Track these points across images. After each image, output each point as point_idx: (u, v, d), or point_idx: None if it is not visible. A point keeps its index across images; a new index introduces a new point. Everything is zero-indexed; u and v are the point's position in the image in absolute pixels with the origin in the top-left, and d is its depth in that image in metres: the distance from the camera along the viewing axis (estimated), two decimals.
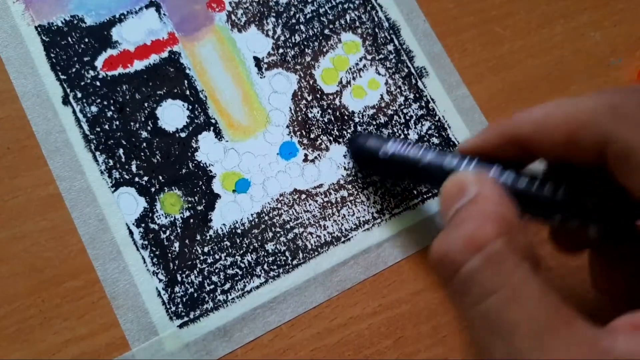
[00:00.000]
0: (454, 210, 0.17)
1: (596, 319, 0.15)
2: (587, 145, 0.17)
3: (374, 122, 0.26)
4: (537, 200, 0.19)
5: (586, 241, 0.20)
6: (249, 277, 0.24)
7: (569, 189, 0.19)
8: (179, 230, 0.24)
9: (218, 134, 0.25)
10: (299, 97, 0.26)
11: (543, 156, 0.19)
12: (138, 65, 0.25)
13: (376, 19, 0.27)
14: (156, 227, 0.24)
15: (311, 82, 0.26)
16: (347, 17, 0.27)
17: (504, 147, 0.19)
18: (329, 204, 0.25)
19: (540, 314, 0.14)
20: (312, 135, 0.26)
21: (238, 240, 0.24)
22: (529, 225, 0.18)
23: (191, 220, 0.24)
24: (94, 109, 0.25)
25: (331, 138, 0.26)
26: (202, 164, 0.25)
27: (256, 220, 0.24)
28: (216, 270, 0.24)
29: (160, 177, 0.24)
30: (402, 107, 0.26)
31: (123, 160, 0.24)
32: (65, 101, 0.25)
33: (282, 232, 0.24)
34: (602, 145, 0.17)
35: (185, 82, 0.26)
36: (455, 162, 0.21)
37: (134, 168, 0.24)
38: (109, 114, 0.25)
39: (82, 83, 0.25)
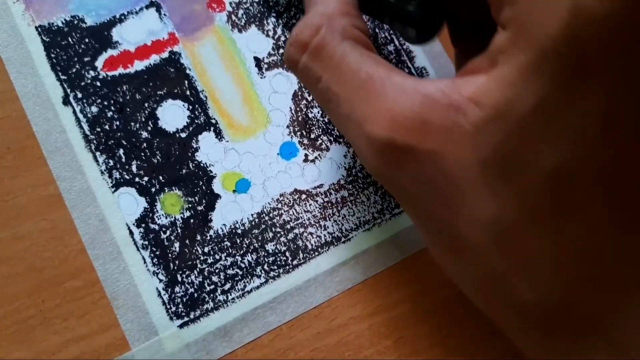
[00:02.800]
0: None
1: None
2: None
3: None
4: (372, 3, 0.21)
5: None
6: (249, 277, 0.24)
7: None
8: (179, 231, 0.24)
9: (218, 134, 0.25)
10: (300, 97, 0.26)
11: None
12: (138, 65, 0.25)
13: (376, 20, 0.27)
14: (156, 227, 0.24)
15: None
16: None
17: None
18: (329, 204, 0.25)
19: (358, 80, 0.17)
20: (312, 135, 0.26)
21: (238, 241, 0.24)
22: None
23: (191, 221, 0.24)
24: (94, 109, 0.25)
25: (331, 138, 0.26)
26: (202, 164, 0.25)
27: (256, 220, 0.24)
28: (216, 271, 0.24)
29: (161, 178, 0.24)
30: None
31: (123, 160, 0.24)
32: (66, 101, 0.25)
33: (282, 232, 0.24)
34: None
35: (186, 82, 0.26)
36: None
37: (134, 168, 0.24)
38: (109, 114, 0.25)
39: (83, 83, 0.25)
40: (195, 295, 0.23)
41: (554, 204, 0.15)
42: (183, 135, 0.25)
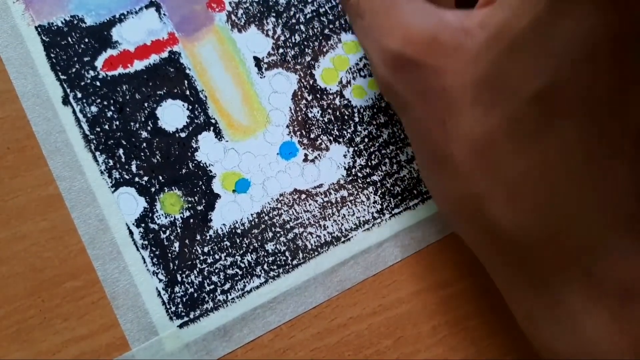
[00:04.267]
0: None
1: None
2: None
3: (374, 122, 0.26)
4: None
5: None
6: (249, 277, 0.24)
7: None
8: (179, 230, 0.24)
9: (218, 134, 0.25)
10: (299, 97, 0.26)
11: None
12: (138, 65, 0.25)
13: None
14: (156, 227, 0.24)
15: (311, 82, 0.26)
16: (347, 17, 0.27)
17: None
18: (329, 204, 0.25)
19: None
20: (312, 135, 0.26)
21: (238, 240, 0.24)
22: None
23: (191, 220, 0.24)
24: (94, 109, 0.25)
25: (331, 138, 0.26)
26: (202, 164, 0.25)
27: (256, 220, 0.24)
28: (216, 270, 0.24)
29: (160, 177, 0.24)
30: None
31: (123, 160, 0.24)
32: (65, 101, 0.25)
33: (282, 232, 0.24)
34: None
35: (185, 82, 0.26)
36: None
37: (134, 168, 0.24)
38: (109, 114, 0.25)
39: (82, 83, 0.25)
40: (195, 295, 0.23)
41: (536, 125, 0.15)
42: (183, 135, 0.25)
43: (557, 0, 0.14)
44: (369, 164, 0.26)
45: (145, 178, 0.24)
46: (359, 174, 0.25)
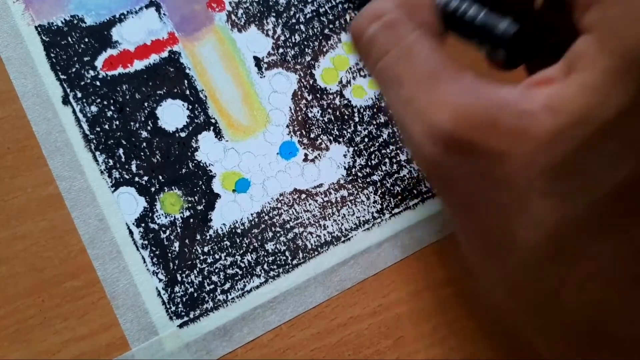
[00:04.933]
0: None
1: None
2: None
3: (374, 122, 0.26)
4: (460, 21, 0.20)
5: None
6: (249, 276, 0.24)
7: (488, 14, 0.19)
8: (179, 230, 0.24)
9: (218, 134, 0.25)
10: (299, 96, 0.26)
11: None
12: (138, 65, 0.25)
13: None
14: (156, 226, 0.24)
15: (311, 82, 0.26)
16: (347, 17, 0.27)
17: None
18: (329, 204, 0.25)
19: (428, 66, 0.16)
20: (312, 135, 0.26)
21: (238, 240, 0.24)
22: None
23: (191, 220, 0.24)
24: (94, 108, 0.25)
25: (331, 138, 0.26)
26: (202, 164, 0.25)
27: (256, 220, 0.24)
28: (216, 270, 0.24)
29: (160, 177, 0.24)
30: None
31: (123, 160, 0.24)
32: (65, 101, 0.25)
33: (282, 232, 0.24)
34: None
35: (185, 82, 0.26)
36: None
37: (134, 168, 0.24)
38: (109, 113, 0.25)
39: (82, 83, 0.25)
40: (195, 294, 0.23)
41: (621, 216, 0.14)
42: (183, 134, 0.25)
43: (637, 90, 0.13)
44: (369, 163, 0.26)
45: (145, 178, 0.24)
46: (359, 174, 0.25)
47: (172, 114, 0.25)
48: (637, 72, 0.13)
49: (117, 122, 0.25)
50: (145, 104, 0.25)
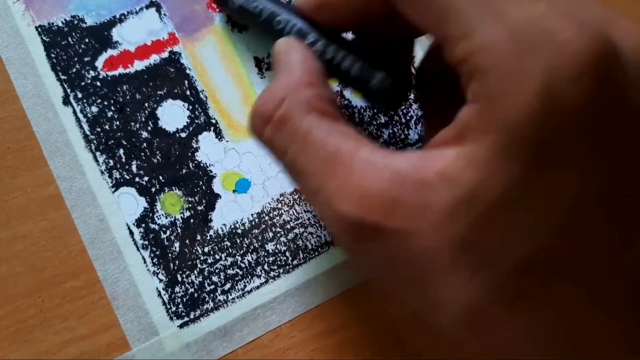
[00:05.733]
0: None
1: None
2: None
3: (374, 122, 0.26)
4: (336, 71, 0.20)
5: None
6: (249, 277, 0.24)
7: (363, 67, 0.20)
8: (179, 230, 0.24)
9: (218, 134, 0.25)
10: None
11: (350, 19, 0.20)
12: (138, 65, 0.25)
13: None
14: (156, 227, 0.24)
15: None
16: None
17: (320, 12, 0.20)
18: None
19: (326, 152, 0.16)
20: None
21: (238, 241, 0.24)
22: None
23: (191, 220, 0.24)
24: (94, 109, 0.25)
25: None
26: (202, 164, 0.25)
27: (256, 220, 0.24)
28: (216, 271, 0.24)
29: (161, 177, 0.24)
30: (403, 107, 0.26)
31: (123, 160, 0.24)
32: (66, 101, 0.25)
33: (282, 232, 0.24)
34: None
35: (186, 82, 0.26)
36: (284, 20, 0.21)
37: (134, 168, 0.24)
38: (110, 114, 0.25)
39: (83, 83, 0.25)
40: (196, 295, 0.23)
41: (528, 290, 0.14)
42: (183, 135, 0.25)
43: (536, 164, 0.13)
44: None
45: (146, 178, 0.24)
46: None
47: (172, 115, 0.25)
48: (521, 148, 0.13)
49: (118, 123, 0.25)
50: (146, 105, 0.25)
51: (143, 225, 0.24)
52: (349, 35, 0.23)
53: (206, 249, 0.24)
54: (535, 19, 0.14)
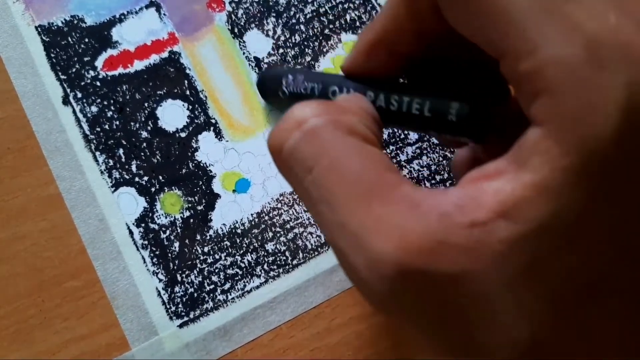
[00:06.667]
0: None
1: None
2: (423, 4, 0.16)
3: None
4: (408, 119, 0.19)
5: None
6: (249, 277, 0.24)
7: (434, 102, 0.18)
8: (179, 230, 0.24)
9: (218, 134, 0.25)
10: None
11: (406, 51, 0.18)
12: (138, 65, 0.25)
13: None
14: (156, 227, 0.24)
15: None
16: (347, 17, 0.27)
17: (373, 59, 0.19)
18: None
19: (362, 182, 0.14)
20: None
21: (238, 240, 0.24)
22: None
23: (191, 220, 0.24)
24: (94, 109, 0.25)
25: None
26: (202, 164, 0.25)
27: (256, 220, 0.24)
28: (216, 270, 0.24)
29: (160, 177, 0.24)
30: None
31: (123, 160, 0.24)
32: (66, 101, 0.25)
33: (282, 232, 0.24)
34: None
35: (186, 82, 0.26)
36: (337, 89, 0.20)
37: (134, 168, 0.24)
38: (109, 114, 0.25)
39: (82, 83, 0.25)
40: (195, 295, 0.23)
41: (589, 319, 0.13)
42: (183, 135, 0.25)
43: (613, 186, 0.13)
44: None
45: (146, 178, 0.24)
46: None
47: (172, 114, 0.25)
48: (595, 170, 0.12)
49: (117, 123, 0.25)
50: (146, 104, 0.25)
51: (143, 225, 0.24)
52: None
53: (206, 249, 0.24)
54: (608, 31, 0.13)
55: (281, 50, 0.26)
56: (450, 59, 0.19)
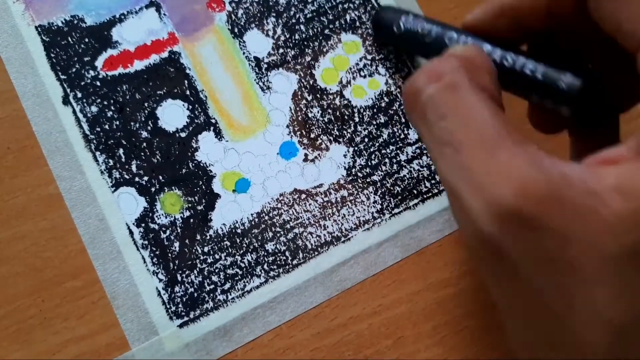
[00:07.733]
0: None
1: None
2: None
3: (374, 122, 0.26)
4: (517, 78, 0.20)
5: (562, 123, 0.21)
6: (249, 276, 0.24)
7: (548, 69, 0.19)
8: (179, 230, 0.24)
9: (218, 134, 0.25)
10: (299, 97, 0.26)
11: (532, 25, 0.19)
12: (138, 65, 0.25)
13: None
14: (156, 227, 0.24)
15: (311, 82, 0.26)
16: (347, 17, 0.27)
17: (499, 21, 0.20)
18: (329, 204, 0.25)
19: (490, 133, 0.15)
20: (312, 135, 0.26)
21: (238, 240, 0.24)
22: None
23: (191, 220, 0.24)
24: (94, 108, 0.25)
25: (331, 138, 0.26)
26: (202, 164, 0.25)
27: (256, 220, 0.24)
28: (216, 270, 0.24)
29: (160, 177, 0.24)
30: (402, 107, 0.26)
31: (123, 160, 0.24)
32: (66, 101, 0.25)
33: (282, 232, 0.24)
34: None
35: (186, 82, 0.26)
36: (455, 37, 0.21)
37: (134, 168, 0.24)
38: (109, 113, 0.25)
39: (82, 83, 0.25)
40: (195, 294, 0.23)
41: None
42: (183, 134, 0.25)
43: None
44: (369, 164, 0.26)
45: (146, 178, 0.24)
46: (359, 174, 0.25)
47: (172, 114, 0.25)
48: None
49: (117, 122, 0.25)
50: (146, 104, 0.25)
51: (143, 225, 0.24)
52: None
53: (206, 249, 0.24)
54: None
55: (281, 50, 0.26)
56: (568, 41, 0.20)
